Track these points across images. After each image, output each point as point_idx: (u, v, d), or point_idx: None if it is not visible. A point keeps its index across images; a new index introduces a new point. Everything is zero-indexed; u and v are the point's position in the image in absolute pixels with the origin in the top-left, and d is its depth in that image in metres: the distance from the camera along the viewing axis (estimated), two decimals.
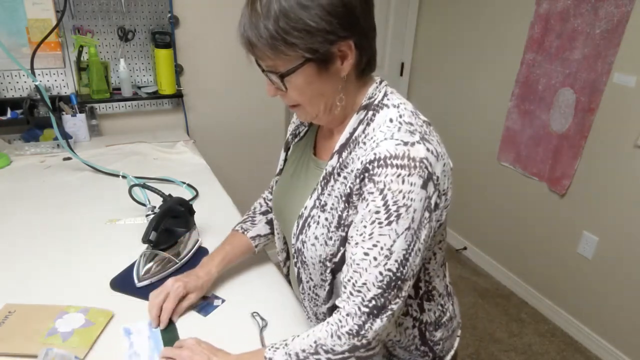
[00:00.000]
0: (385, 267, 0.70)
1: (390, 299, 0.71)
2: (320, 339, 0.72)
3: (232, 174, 2.39)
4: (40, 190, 1.47)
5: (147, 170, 1.62)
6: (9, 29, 1.73)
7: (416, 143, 0.70)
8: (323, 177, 0.79)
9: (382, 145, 0.70)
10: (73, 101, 1.82)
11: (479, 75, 2.57)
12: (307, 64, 0.70)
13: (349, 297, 0.72)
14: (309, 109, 0.77)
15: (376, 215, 0.69)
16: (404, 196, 0.68)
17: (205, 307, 0.98)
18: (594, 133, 2.02)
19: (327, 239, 0.77)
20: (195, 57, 2.12)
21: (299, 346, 0.74)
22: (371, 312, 0.71)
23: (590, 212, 2.10)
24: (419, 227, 0.70)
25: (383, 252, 0.69)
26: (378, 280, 0.70)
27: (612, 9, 1.86)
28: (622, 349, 2.05)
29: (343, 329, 0.71)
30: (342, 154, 0.77)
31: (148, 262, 1.05)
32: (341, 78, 0.74)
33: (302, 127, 0.97)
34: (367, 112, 0.77)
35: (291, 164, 0.95)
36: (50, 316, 0.91)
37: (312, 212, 0.79)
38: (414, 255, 0.71)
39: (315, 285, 0.83)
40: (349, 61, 0.72)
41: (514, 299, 2.53)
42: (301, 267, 0.83)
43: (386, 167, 0.68)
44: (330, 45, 0.69)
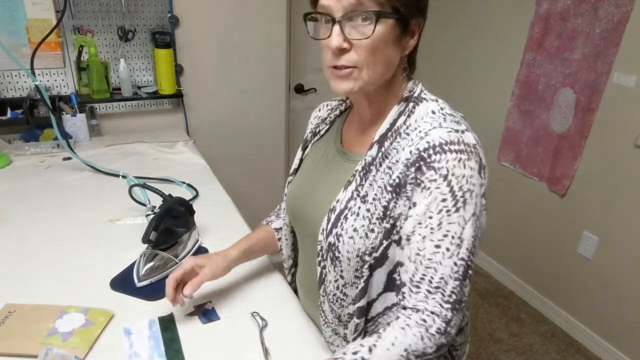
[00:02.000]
0: (459, 257, 0.69)
1: (464, 290, 0.70)
2: (411, 346, 0.68)
3: (232, 174, 2.39)
4: (40, 190, 1.47)
5: (147, 170, 1.62)
6: (9, 29, 1.73)
7: (465, 131, 0.71)
8: (362, 168, 0.76)
9: (433, 134, 0.70)
10: (73, 101, 1.82)
11: (479, 75, 2.57)
12: (394, 20, 0.70)
13: (426, 295, 0.69)
14: (365, 73, 0.72)
15: (443, 203, 0.68)
16: (467, 181, 0.68)
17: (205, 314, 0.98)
18: (594, 133, 2.02)
19: (368, 231, 0.73)
20: (195, 57, 2.12)
21: (386, 359, 0.67)
22: (453, 307, 0.69)
23: (590, 212, 2.10)
24: (480, 212, 0.70)
25: (454, 242, 0.68)
26: (454, 271, 0.69)
27: (612, 9, 1.86)
28: (622, 349, 2.05)
29: (432, 329, 0.69)
30: (383, 144, 0.76)
31: (148, 262, 1.05)
32: (402, 57, 0.76)
33: (323, 125, 0.94)
34: (408, 104, 0.77)
35: (311, 162, 0.92)
36: (50, 316, 0.91)
37: (349, 204, 0.76)
38: (478, 242, 0.70)
39: (345, 284, 0.79)
40: (414, 40, 0.75)
41: (514, 299, 2.53)
42: (330, 265, 0.79)
43: (444, 152, 0.68)
44: (414, 13, 0.71)
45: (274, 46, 2.29)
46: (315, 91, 2.61)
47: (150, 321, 0.93)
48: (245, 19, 2.17)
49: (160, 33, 1.94)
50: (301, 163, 0.96)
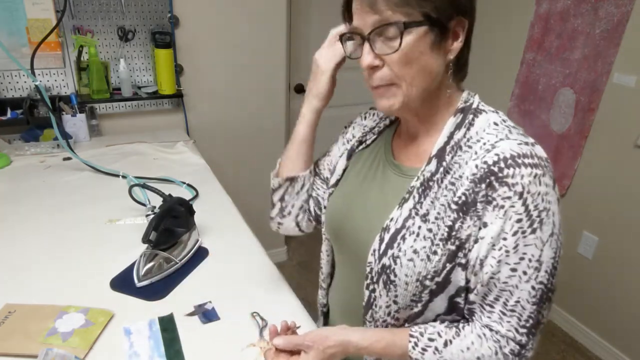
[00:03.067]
0: (537, 281, 0.65)
1: (543, 313, 0.67)
2: (484, 357, 0.67)
3: (232, 174, 2.39)
4: (40, 190, 1.47)
5: (147, 170, 1.62)
6: (9, 29, 1.73)
7: (535, 144, 0.66)
8: (420, 184, 0.70)
9: (502, 145, 0.64)
10: (73, 101, 1.82)
11: (479, 75, 2.57)
12: (426, 27, 0.64)
13: (501, 317, 0.66)
14: (404, 88, 0.68)
15: (518, 224, 0.63)
16: (543, 199, 0.63)
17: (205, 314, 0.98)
18: (594, 133, 2.02)
19: (430, 253, 0.67)
20: (195, 57, 2.12)
21: (457, 359, 0.67)
22: (529, 331, 0.66)
23: (590, 212, 2.10)
24: (559, 230, 0.66)
25: (532, 265, 0.64)
26: (532, 296, 0.65)
27: (612, 9, 1.86)
28: (622, 349, 2.05)
29: (505, 349, 0.67)
30: (443, 158, 0.70)
31: (148, 262, 1.05)
32: (446, 63, 0.69)
33: (371, 134, 0.87)
34: (466, 115, 0.71)
35: (356, 174, 0.84)
36: (50, 316, 0.91)
37: (406, 224, 0.69)
38: (559, 262, 0.67)
39: (399, 309, 0.72)
40: (459, 43, 0.68)
41: None
42: (382, 289, 0.72)
43: (518, 167, 0.62)
44: (454, 15, 0.66)
45: (274, 46, 2.29)
46: None
47: (150, 321, 0.93)
48: (245, 19, 2.17)
49: (160, 33, 1.94)
50: (343, 174, 0.88)
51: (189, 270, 1.10)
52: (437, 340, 0.68)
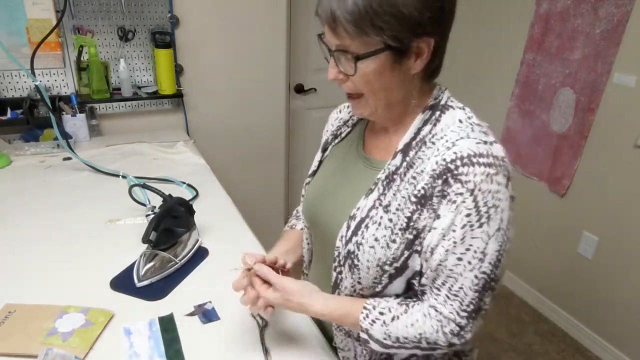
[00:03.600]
0: (480, 271, 0.69)
1: (485, 300, 0.72)
2: (425, 333, 0.73)
3: (232, 174, 2.38)
4: (40, 190, 1.47)
5: (147, 170, 1.62)
6: (9, 29, 1.73)
7: (494, 143, 0.70)
8: (386, 177, 0.75)
9: (461, 144, 0.69)
10: (73, 101, 1.82)
11: (479, 75, 2.57)
12: (384, 52, 0.67)
13: (445, 300, 0.72)
14: (370, 101, 0.74)
15: (467, 218, 0.67)
16: (493, 196, 0.67)
17: (205, 314, 0.98)
18: (594, 133, 2.02)
19: (389, 241, 0.73)
20: (195, 57, 2.12)
21: (402, 333, 0.74)
22: (470, 315, 0.72)
23: (590, 212, 2.10)
24: (507, 227, 0.70)
25: (477, 256, 0.69)
26: (474, 284, 0.70)
27: (612, 9, 1.86)
28: (622, 349, 2.05)
29: (445, 328, 0.72)
30: (407, 153, 0.74)
31: (148, 262, 1.05)
32: (410, 76, 0.72)
33: (345, 127, 0.92)
34: (433, 112, 0.75)
35: (331, 165, 0.91)
36: (50, 316, 0.91)
37: (370, 213, 0.75)
38: (505, 256, 0.71)
39: (362, 288, 0.79)
40: (423, 60, 0.70)
41: (514, 299, 2.53)
42: (347, 271, 0.78)
43: (472, 165, 0.67)
44: (413, 38, 0.67)
45: (274, 46, 2.29)
46: (315, 91, 2.61)
47: (150, 321, 0.93)
48: (245, 19, 2.17)
49: (160, 33, 1.94)
50: (320, 165, 0.94)
51: (189, 270, 1.10)
52: (387, 315, 0.75)
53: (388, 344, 0.75)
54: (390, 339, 0.74)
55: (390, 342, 0.75)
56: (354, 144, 0.88)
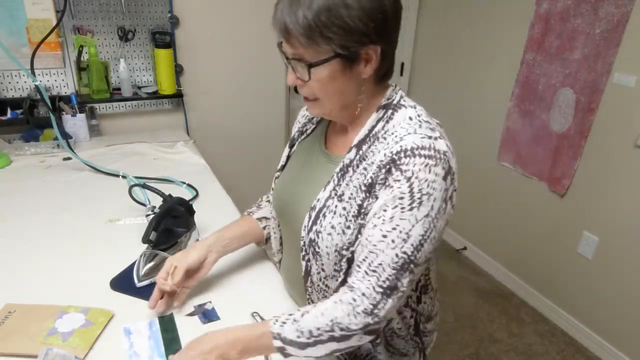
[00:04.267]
0: (401, 250, 0.73)
1: (403, 281, 0.74)
2: (337, 318, 0.74)
3: (232, 174, 2.39)
4: (40, 190, 1.47)
5: (147, 170, 1.62)
6: (9, 29, 1.73)
7: (438, 138, 0.75)
8: (340, 169, 0.81)
9: (407, 139, 0.74)
10: (73, 101, 1.82)
11: (479, 75, 2.57)
12: (335, 60, 0.73)
13: (364, 276, 0.75)
14: (326, 104, 0.80)
15: (399, 200, 0.72)
16: (428, 185, 0.71)
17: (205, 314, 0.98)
18: (594, 133, 2.02)
19: (344, 228, 0.78)
20: (195, 57, 2.12)
21: (313, 324, 0.75)
22: (384, 292, 0.74)
23: (590, 212, 2.10)
24: (436, 215, 0.73)
25: (401, 236, 0.72)
26: (393, 261, 0.73)
27: (612, 9, 1.86)
28: (622, 349, 2.05)
29: (358, 308, 0.74)
30: (361, 147, 0.80)
31: (148, 262, 1.05)
32: (361, 80, 0.78)
33: (310, 124, 0.98)
34: (386, 111, 0.81)
35: (297, 160, 0.97)
36: (50, 316, 0.91)
37: (327, 203, 0.81)
38: (429, 242, 0.74)
39: (326, 276, 0.84)
40: (372, 65, 0.76)
41: (514, 299, 2.53)
42: (312, 259, 0.84)
43: (414, 157, 0.72)
44: (361, 46, 0.73)
45: (274, 46, 2.28)
46: None
47: (150, 321, 0.93)
48: (245, 19, 2.17)
49: (160, 33, 1.94)
50: (288, 160, 1.00)
51: None
52: (296, 314, 0.77)
53: (303, 341, 0.75)
54: (304, 335, 0.75)
55: (304, 339, 0.75)
56: (317, 140, 0.94)
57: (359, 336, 0.75)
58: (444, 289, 2.55)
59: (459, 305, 2.44)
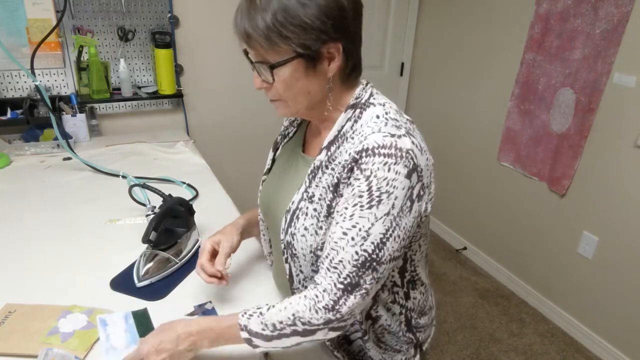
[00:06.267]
0: (362, 248, 0.73)
1: (365, 279, 0.74)
2: (298, 312, 0.75)
3: (232, 174, 2.39)
4: (40, 190, 1.47)
5: (147, 170, 1.62)
6: (9, 29, 1.73)
7: (402, 136, 0.74)
8: (311, 171, 0.82)
9: (370, 138, 0.74)
10: (73, 101, 1.82)
11: (479, 75, 2.57)
12: (296, 59, 0.74)
13: (326, 272, 0.76)
14: (291, 104, 0.80)
15: (359, 198, 0.73)
16: (388, 183, 0.72)
17: (205, 314, 0.98)
18: (594, 133, 2.02)
19: (317, 229, 0.80)
20: (195, 57, 2.12)
21: (276, 318, 0.76)
22: (345, 288, 0.74)
23: (590, 212, 2.10)
24: (399, 214, 0.73)
25: (360, 234, 0.73)
26: (354, 259, 0.73)
27: (612, 9, 1.86)
28: (622, 349, 2.05)
29: (320, 303, 0.74)
30: (330, 148, 0.81)
31: (148, 262, 1.05)
32: (327, 79, 0.78)
33: (292, 127, 1.00)
34: (355, 110, 0.81)
35: (280, 164, 0.98)
36: (50, 316, 0.91)
37: (300, 205, 0.82)
38: (392, 241, 0.74)
39: (305, 278, 0.86)
40: (336, 63, 0.76)
41: (514, 299, 2.53)
42: (291, 260, 0.86)
43: (374, 156, 0.72)
44: (321, 44, 0.73)
45: None
46: None
47: (126, 314, 0.94)
48: None
49: (160, 33, 1.94)
50: (273, 163, 1.01)
51: (189, 270, 1.10)
52: (263, 308, 0.79)
53: (267, 334, 0.76)
54: (268, 328, 0.76)
55: (269, 332, 0.76)
56: (297, 143, 0.95)
57: (324, 331, 0.76)
58: (444, 289, 2.55)
59: (459, 305, 2.44)
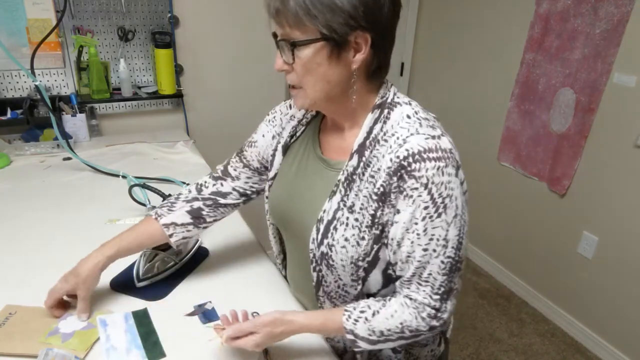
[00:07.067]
0: (445, 256, 0.74)
1: (454, 281, 0.77)
2: (405, 321, 0.76)
3: None
4: (40, 190, 1.47)
5: (147, 170, 1.62)
6: (9, 29, 1.73)
7: (441, 136, 0.74)
8: (345, 178, 0.78)
9: (411, 141, 0.72)
10: (73, 101, 1.82)
11: (479, 75, 2.57)
12: (321, 42, 0.71)
13: (417, 288, 0.76)
14: (309, 91, 0.76)
15: (425, 210, 0.72)
16: (446, 187, 0.71)
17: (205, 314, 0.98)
18: (594, 133, 2.02)
19: (358, 239, 0.77)
20: (195, 57, 2.12)
21: (384, 326, 0.77)
22: (442, 297, 0.76)
23: (590, 212, 2.10)
24: (462, 211, 0.74)
25: (440, 243, 0.73)
26: (441, 268, 0.75)
27: (612, 9, 1.86)
28: (622, 349, 2.05)
29: (422, 313, 0.76)
30: (363, 153, 0.77)
31: (148, 262, 1.05)
32: (351, 72, 0.75)
33: (300, 126, 0.94)
34: (382, 110, 0.78)
35: (290, 166, 0.92)
36: (51, 317, 0.91)
37: (336, 215, 0.78)
38: (464, 237, 0.76)
39: (345, 284, 0.83)
40: (362, 55, 0.73)
41: (514, 299, 2.53)
42: (326, 270, 0.82)
43: (424, 161, 0.71)
44: (348, 30, 0.70)
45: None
46: None
47: (126, 314, 0.94)
48: (245, 19, 2.17)
49: (160, 33, 1.94)
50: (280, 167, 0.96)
51: (189, 270, 1.10)
52: (367, 312, 0.78)
53: (374, 339, 0.78)
54: (375, 334, 0.77)
55: (375, 337, 0.78)
56: (310, 144, 0.90)
57: (427, 334, 0.79)
58: None
59: (459, 305, 2.44)
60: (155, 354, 0.85)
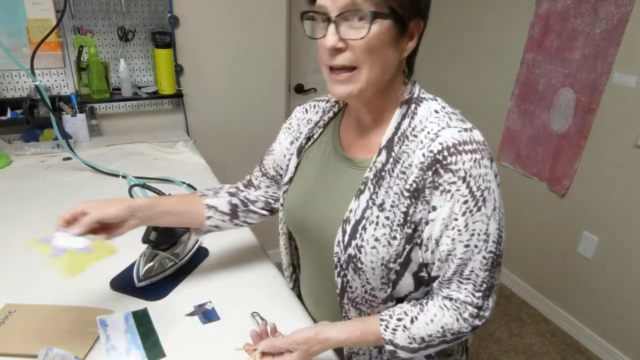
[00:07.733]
0: (487, 251, 0.72)
1: (495, 276, 0.75)
2: (447, 325, 0.74)
3: (232, 174, 2.38)
4: (40, 190, 1.47)
5: (147, 170, 1.62)
6: (9, 29, 1.73)
7: (472, 128, 0.73)
8: (374, 175, 0.75)
9: (444, 134, 0.70)
10: (73, 101, 1.82)
11: (479, 75, 2.57)
12: (389, 20, 0.68)
13: (458, 286, 0.74)
14: (366, 73, 0.70)
15: (464, 205, 0.69)
16: (483, 179, 0.69)
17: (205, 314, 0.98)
18: (594, 133, 2.02)
19: (390, 239, 0.73)
20: (195, 57, 2.12)
21: (424, 332, 0.74)
22: (484, 294, 0.74)
23: (590, 212, 2.10)
24: (499, 202, 0.73)
25: (481, 238, 0.71)
26: (483, 264, 0.73)
27: (612, 9, 1.86)
28: (622, 349, 2.05)
29: (464, 314, 0.74)
30: (392, 149, 0.74)
31: (148, 262, 1.05)
32: (401, 60, 0.74)
33: (317, 129, 0.90)
34: (409, 105, 0.77)
35: (308, 170, 0.89)
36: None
37: (365, 214, 0.74)
38: (504, 229, 0.74)
39: (373, 288, 0.78)
40: (413, 44, 0.73)
41: (514, 299, 2.53)
42: (353, 275, 0.77)
43: (459, 154, 0.68)
44: (412, 14, 0.70)
45: (274, 46, 2.29)
46: (315, 91, 2.61)
47: (126, 314, 0.93)
48: (245, 19, 2.17)
49: (160, 33, 1.94)
50: (296, 171, 0.92)
51: (189, 270, 1.10)
52: (405, 319, 0.76)
53: (415, 347, 0.75)
54: (416, 342, 0.75)
55: (416, 345, 0.75)
56: (329, 145, 0.87)
57: (469, 335, 0.77)
58: None
59: None
60: (155, 354, 0.85)
